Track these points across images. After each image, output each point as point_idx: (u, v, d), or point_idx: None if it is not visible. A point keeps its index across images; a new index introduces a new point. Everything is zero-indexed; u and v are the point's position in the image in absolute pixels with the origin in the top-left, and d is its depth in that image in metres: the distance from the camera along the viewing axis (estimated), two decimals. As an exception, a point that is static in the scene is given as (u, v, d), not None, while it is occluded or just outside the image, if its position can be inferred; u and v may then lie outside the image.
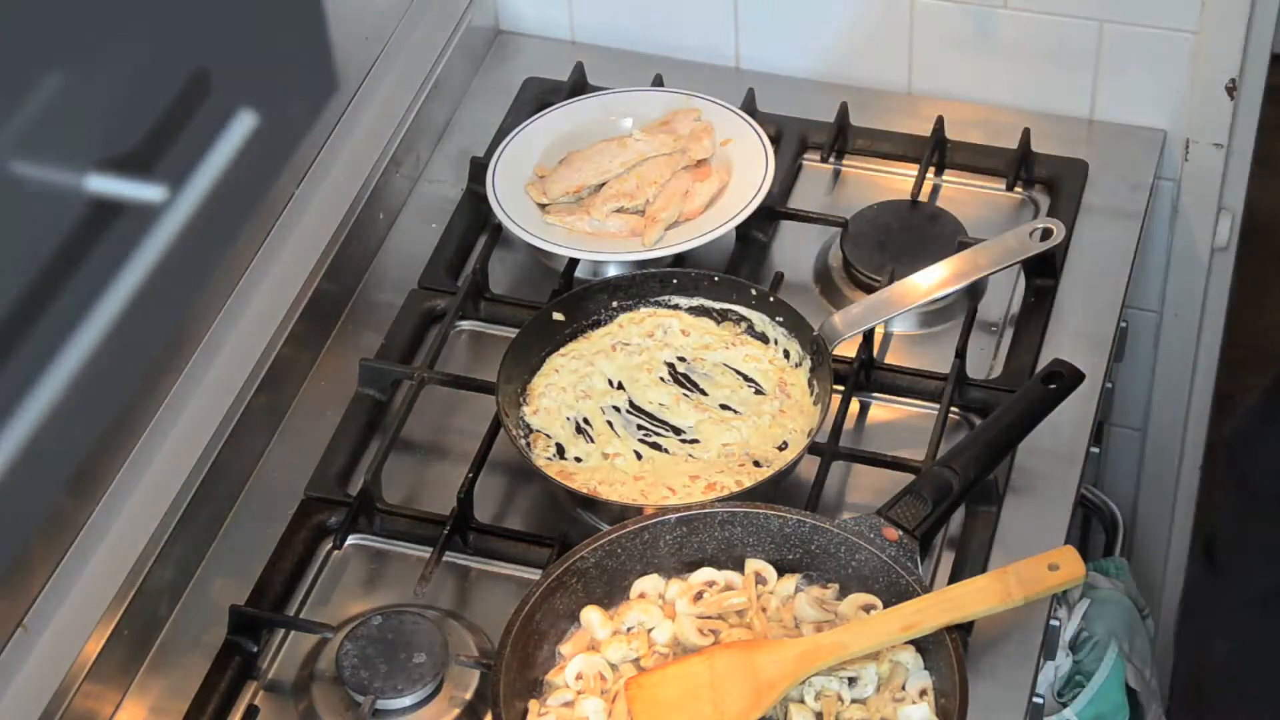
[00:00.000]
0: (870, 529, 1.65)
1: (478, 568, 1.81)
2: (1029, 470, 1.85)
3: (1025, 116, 2.16)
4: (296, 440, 1.91)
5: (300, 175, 1.99)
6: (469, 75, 2.29)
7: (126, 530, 1.73)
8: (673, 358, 1.91)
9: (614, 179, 2.04)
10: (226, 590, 1.78)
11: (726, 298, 1.92)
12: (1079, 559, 1.60)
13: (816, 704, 1.58)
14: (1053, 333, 1.97)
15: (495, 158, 2.08)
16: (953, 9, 2.16)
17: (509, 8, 2.34)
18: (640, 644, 1.63)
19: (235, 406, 1.85)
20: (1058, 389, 1.79)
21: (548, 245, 2.00)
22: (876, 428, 1.91)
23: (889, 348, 1.98)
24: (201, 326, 1.84)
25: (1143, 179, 2.13)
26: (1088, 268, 2.04)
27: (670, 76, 2.22)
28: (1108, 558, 2.13)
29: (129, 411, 1.75)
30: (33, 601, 1.63)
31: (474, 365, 1.97)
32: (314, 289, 1.97)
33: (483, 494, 1.83)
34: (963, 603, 1.59)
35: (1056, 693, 1.95)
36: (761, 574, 1.67)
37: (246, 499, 1.87)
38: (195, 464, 1.79)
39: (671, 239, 1.99)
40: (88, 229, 0.87)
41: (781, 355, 1.90)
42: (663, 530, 1.68)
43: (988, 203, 2.12)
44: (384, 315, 2.01)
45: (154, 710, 1.71)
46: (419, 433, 1.92)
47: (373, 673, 1.67)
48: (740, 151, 2.07)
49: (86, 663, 1.66)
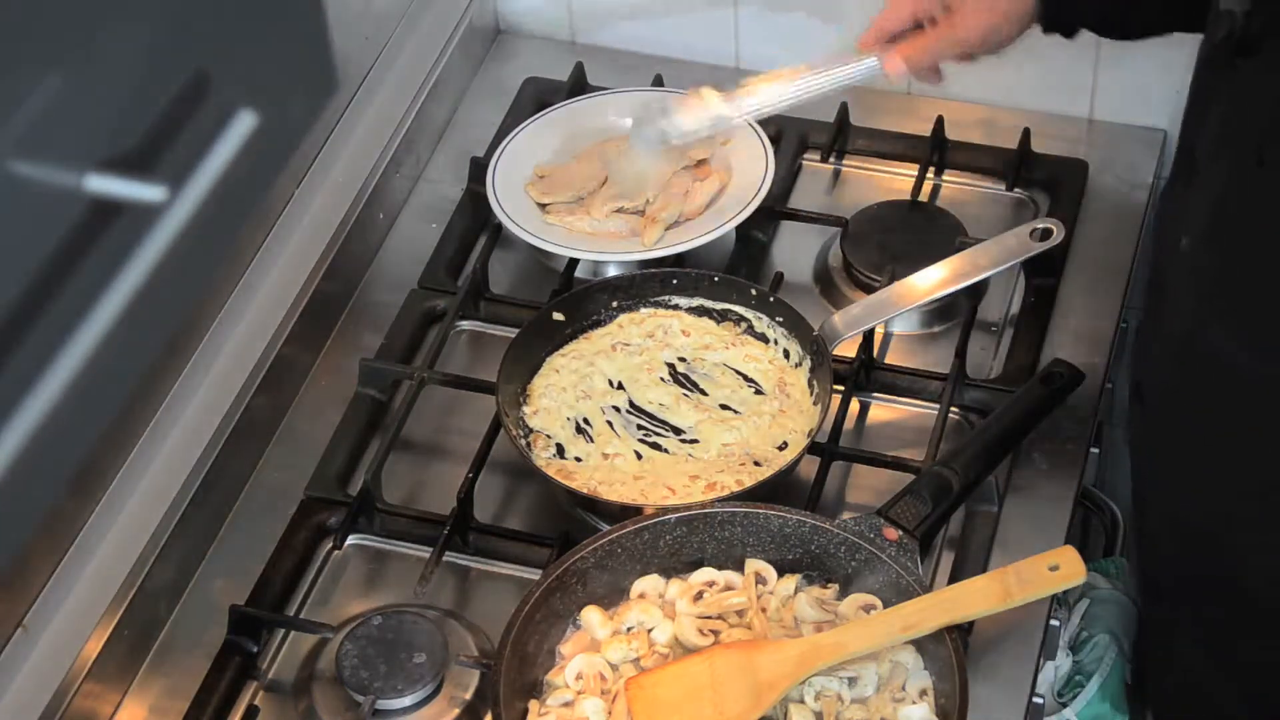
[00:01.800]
0: (870, 529, 1.65)
1: (478, 568, 1.81)
2: (1029, 470, 1.85)
3: (1025, 116, 2.16)
4: (296, 440, 1.91)
5: (300, 175, 1.99)
6: (469, 75, 2.29)
7: (126, 530, 1.73)
8: (673, 358, 1.91)
9: (614, 179, 2.04)
10: (226, 590, 1.78)
11: (726, 298, 1.92)
12: (1079, 559, 1.60)
13: (816, 704, 1.58)
14: (1053, 333, 1.97)
15: (495, 158, 2.08)
16: (953, 9, 2.16)
17: (509, 8, 2.34)
18: (640, 644, 1.63)
19: (235, 406, 1.85)
20: (1058, 389, 1.79)
21: (548, 245, 2.00)
22: (876, 428, 1.91)
23: (889, 348, 1.98)
24: (201, 326, 1.84)
25: (1143, 179, 2.13)
26: (1088, 268, 2.04)
27: (670, 76, 2.22)
28: (1108, 558, 2.13)
29: (129, 411, 1.75)
30: (33, 601, 1.63)
31: (474, 365, 1.97)
32: (314, 289, 1.97)
33: (483, 494, 1.83)
34: (963, 603, 1.59)
35: (1056, 693, 1.95)
36: (761, 574, 1.67)
37: (246, 499, 1.87)
38: (195, 463, 1.79)
39: (671, 239, 1.99)
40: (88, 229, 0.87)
41: (781, 355, 1.90)
42: (663, 530, 1.68)
43: (988, 203, 2.12)
44: (384, 315, 2.01)
45: (154, 710, 1.71)
46: (419, 433, 1.92)
47: (373, 673, 1.67)
48: (740, 151, 2.07)
49: (86, 663, 1.66)
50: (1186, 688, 1.77)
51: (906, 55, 1.79)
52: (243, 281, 1.90)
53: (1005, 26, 1.76)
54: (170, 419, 1.79)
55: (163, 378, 1.79)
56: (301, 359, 1.97)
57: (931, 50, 1.78)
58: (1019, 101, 2.19)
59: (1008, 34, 1.77)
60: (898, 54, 1.79)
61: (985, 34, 1.76)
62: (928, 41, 1.78)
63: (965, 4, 1.76)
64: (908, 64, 1.79)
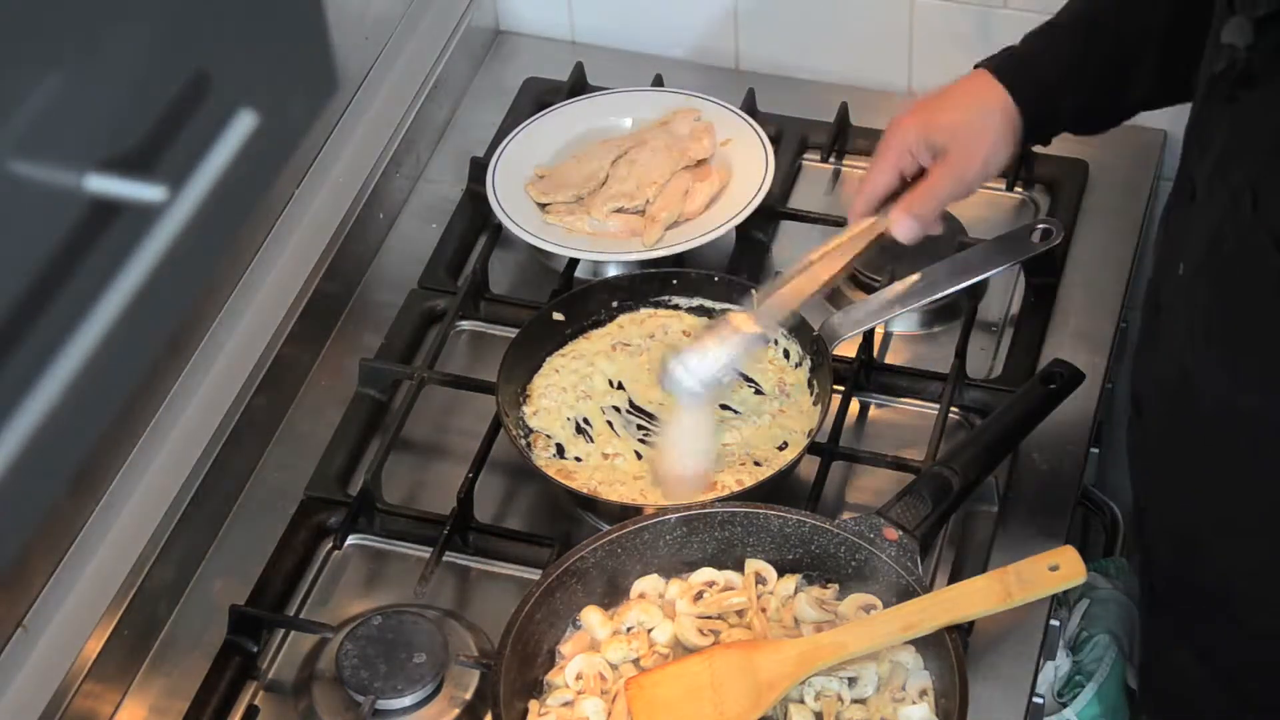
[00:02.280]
0: (870, 529, 1.65)
1: (478, 568, 1.81)
2: (1029, 470, 1.85)
3: (1025, 116, 2.15)
4: (296, 440, 1.91)
5: (300, 175, 1.99)
6: (469, 75, 2.29)
7: (126, 530, 1.73)
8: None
9: (614, 179, 2.04)
10: (226, 590, 1.78)
11: (726, 298, 1.92)
12: (1079, 559, 1.60)
13: (816, 704, 1.58)
14: (1053, 333, 1.97)
15: (495, 158, 2.08)
16: (953, 9, 2.16)
17: (509, 8, 2.34)
18: (640, 644, 1.63)
19: (235, 406, 1.85)
20: (1058, 389, 1.79)
21: (548, 245, 2.00)
22: (876, 428, 1.91)
23: (889, 348, 1.98)
24: (201, 326, 1.84)
25: (1143, 179, 2.13)
26: (1088, 268, 2.04)
27: (670, 76, 2.22)
28: (1108, 558, 2.13)
29: (129, 411, 1.75)
30: (33, 601, 1.64)
31: (474, 365, 1.97)
32: (314, 289, 1.97)
33: (483, 494, 1.83)
34: (963, 603, 1.59)
35: (1056, 693, 1.95)
36: (761, 574, 1.67)
37: (246, 499, 1.87)
38: (195, 464, 1.79)
39: (671, 239, 1.99)
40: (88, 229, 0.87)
41: (781, 355, 1.90)
42: (663, 530, 1.68)
43: (988, 203, 2.12)
44: (384, 315, 2.01)
45: (154, 710, 1.71)
46: (419, 433, 1.92)
47: (373, 673, 1.67)
48: (740, 151, 2.07)
49: (86, 663, 1.66)
50: (1179, 691, 1.78)
51: (913, 211, 1.72)
52: (243, 281, 1.90)
53: (1002, 150, 1.71)
54: (170, 419, 1.79)
55: (163, 378, 1.79)
56: (301, 359, 1.97)
57: (937, 197, 1.72)
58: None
59: (1006, 156, 1.73)
60: (902, 212, 1.72)
61: (985, 166, 1.71)
62: (930, 189, 1.71)
63: (955, 142, 1.70)
64: (917, 220, 1.72)
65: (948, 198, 1.73)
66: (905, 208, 1.72)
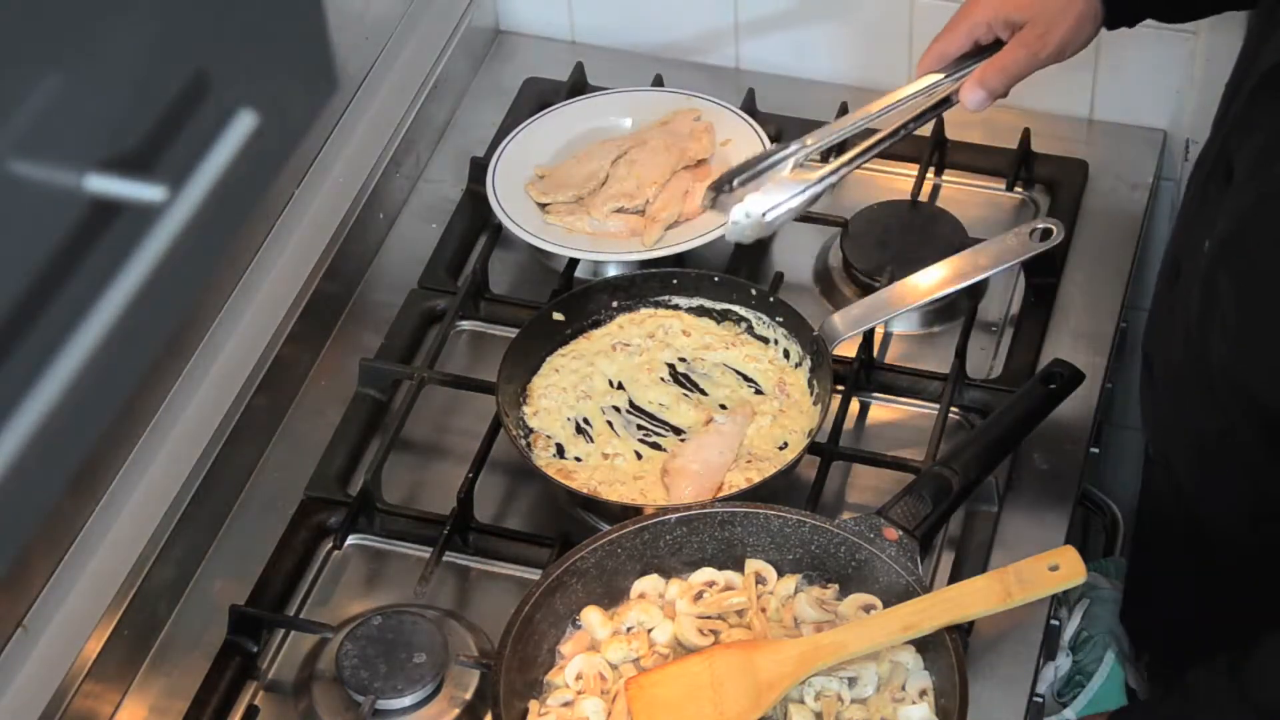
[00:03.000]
0: (870, 529, 1.65)
1: (478, 568, 1.81)
2: (1029, 470, 1.85)
3: (1025, 116, 2.16)
4: (296, 440, 1.91)
5: (300, 175, 1.99)
6: (469, 75, 2.29)
7: (126, 530, 1.73)
8: (673, 358, 1.91)
9: (614, 179, 2.04)
10: (226, 590, 1.78)
11: (726, 298, 1.92)
12: (1079, 559, 1.60)
13: (816, 704, 1.58)
14: (1053, 333, 1.97)
15: (495, 158, 2.08)
16: (953, 9, 2.15)
17: (509, 8, 2.34)
18: (640, 644, 1.63)
19: (235, 406, 1.85)
20: (1058, 389, 1.79)
21: (548, 245, 2.00)
22: (876, 428, 1.91)
23: (889, 348, 1.98)
24: (201, 326, 1.84)
25: (1143, 179, 2.13)
26: (1088, 268, 2.04)
27: (670, 76, 2.22)
28: (1108, 558, 2.13)
29: (129, 411, 1.75)
30: (33, 601, 1.64)
31: (474, 365, 1.97)
32: (314, 289, 1.97)
33: (483, 494, 1.83)
34: (963, 603, 1.59)
35: (1056, 693, 1.95)
36: (761, 574, 1.67)
37: (246, 499, 1.87)
38: (195, 464, 1.79)
39: (671, 239, 1.99)
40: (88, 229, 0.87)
41: (781, 355, 1.90)
42: (663, 530, 1.68)
43: (988, 203, 2.12)
44: (384, 315, 2.01)
45: (154, 710, 1.71)
46: (419, 433, 1.92)
47: (373, 673, 1.67)
48: (740, 151, 2.07)
49: (86, 663, 1.66)
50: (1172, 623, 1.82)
51: (985, 81, 1.70)
52: (243, 281, 1.90)
53: (1085, 28, 1.69)
54: (170, 419, 1.79)
55: (163, 378, 1.79)
56: (301, 359, 1.97)
57: (1010, 73, 1.70)
58: (1019, 101, 2.17)
59: (1083, 40, 1.71)
60: (974, 82, 1.70)
61: (1062, 46, 1.70)
62: (1004, 64, 1.69)
63: (1041, 17, 1.68)
64: (987, 90, 1.70)
65: (1021, 74, 1.71)
66: (978, 78, 1.70)
